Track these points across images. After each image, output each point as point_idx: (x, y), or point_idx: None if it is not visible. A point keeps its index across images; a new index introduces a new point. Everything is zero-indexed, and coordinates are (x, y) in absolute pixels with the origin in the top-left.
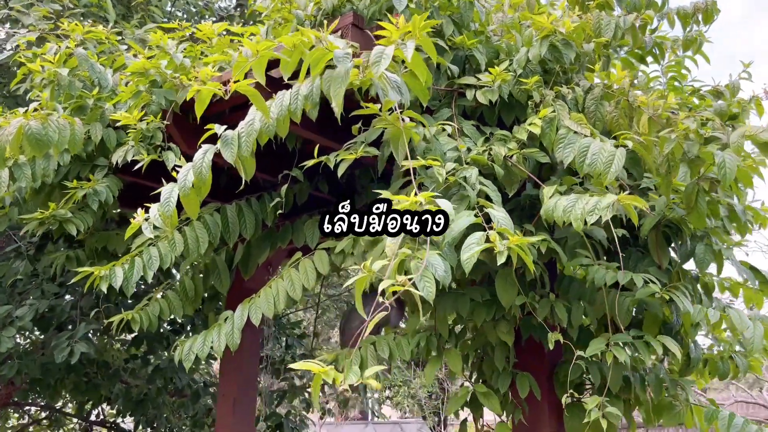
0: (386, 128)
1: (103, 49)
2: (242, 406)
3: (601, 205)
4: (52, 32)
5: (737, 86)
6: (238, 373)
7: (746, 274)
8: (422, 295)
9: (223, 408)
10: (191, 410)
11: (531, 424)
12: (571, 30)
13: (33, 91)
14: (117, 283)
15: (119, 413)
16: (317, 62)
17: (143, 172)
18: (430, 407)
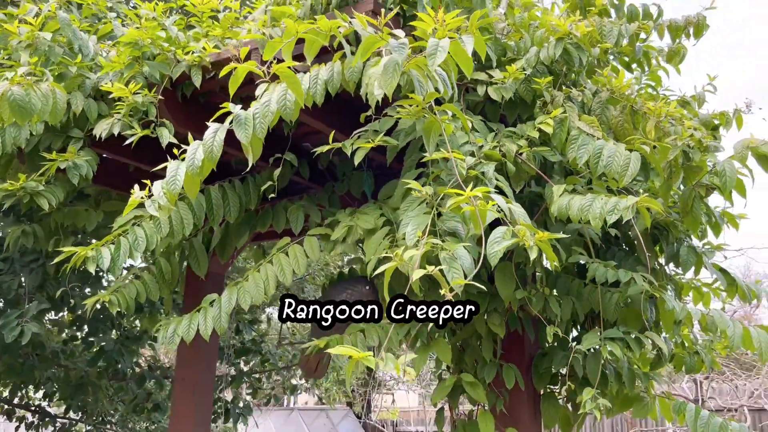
0: (401, 119)
1: (88, 14)
2: (202, 392)
3: (621, 206)
4: None
5: (703, 97)
6: (198, 358)
7: (717, 275)
8: (450, 285)
9: (182, 393)
10: (131, 394)
11: (511, 412)
12: (585, 34)
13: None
14: (105, 265)
15: (47, 397)
16: (368, 48)
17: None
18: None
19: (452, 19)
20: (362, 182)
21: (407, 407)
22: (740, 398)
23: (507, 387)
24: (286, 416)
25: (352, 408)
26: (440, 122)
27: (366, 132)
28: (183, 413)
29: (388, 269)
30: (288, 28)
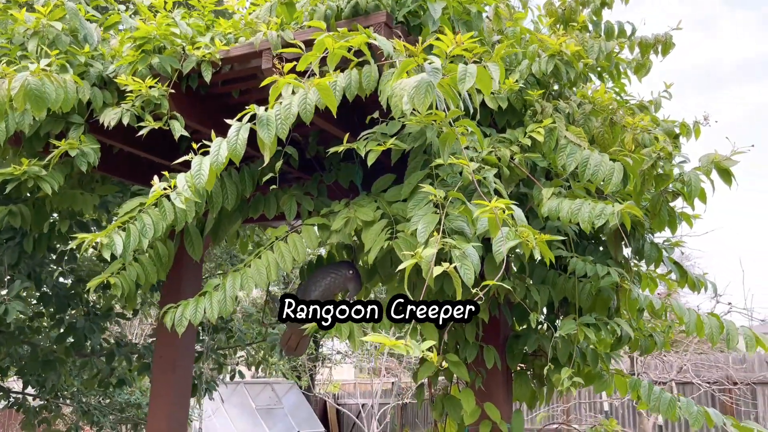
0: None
1: (96, 5)
2: (182, 370)
3: (607, 212)
4: None
5: (659, 103)
6: (176, 337)
7: (672, 267)
8: (464, 280)
9: (162, 372)
10: (95, 370)
11: (488, 389)
12: (574, 52)
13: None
14: (118, 251)
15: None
16: (404, 69)
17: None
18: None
19: (469, 41)
20: (350, 173)
21: (345, 380)
22: (669, 373)
23: (487, 366)
24: (232, 389)
25: (298, 381)
26: (456, 134)
27: (374, 133)
28: (162, 391)
29: (408, 266)
30: (319, 43)
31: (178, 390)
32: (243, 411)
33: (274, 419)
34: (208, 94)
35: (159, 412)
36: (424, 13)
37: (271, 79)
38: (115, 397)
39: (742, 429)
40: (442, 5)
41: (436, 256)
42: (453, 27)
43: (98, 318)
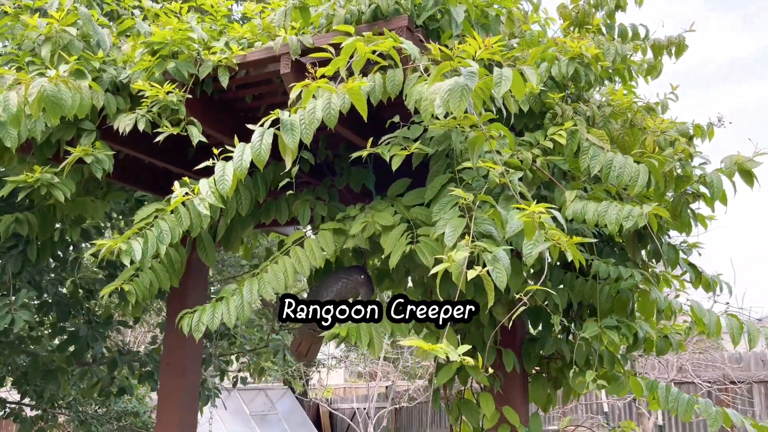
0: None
1: (109, 10)
2: (191, 375)
3: (635, 213)
4: None
5: (666, 104)
6: (184, 343)
7: (687, 268)
8: (496, 284)
9: (171, 377)
10: (95, 379)
11: (505, 392)
12: (594, 54)
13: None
14: (137, 257)
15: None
16: (440, 71)
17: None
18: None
19: (492, 44)
20: (361, 177)
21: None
22: (669, 372)
23: (506, 370)
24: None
25: (291, 387)
26: (486, 137)
27: (395, 138)
28: (171, 396)
29: (439, 268)
30: (348, 47)
31: (187, 394)
32: (237, 417)
33: (268, 425)
34: (220, 98)
35: (168, 417)
36: (442, 17)
37: (303, 84)
38: (112, 406)
39: (761, 429)
40: (464, 8)
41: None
42: (473, 30)
43: (100, 326)
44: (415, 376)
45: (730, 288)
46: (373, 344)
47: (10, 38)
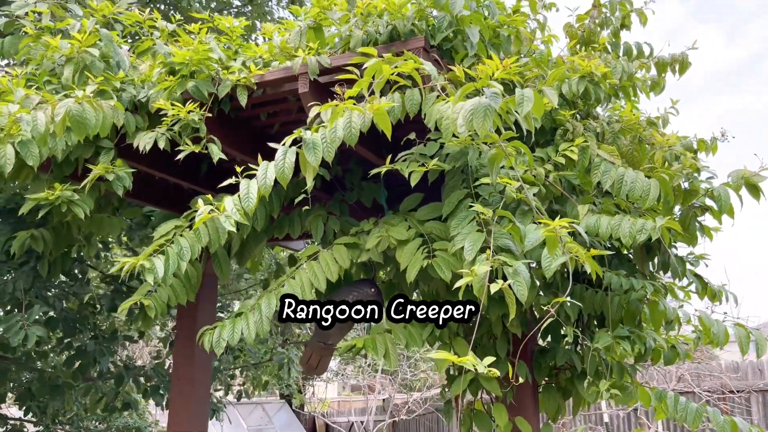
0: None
1: (130, 32)
2: (201, 387)
3: (648, 227)
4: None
5: (666, 118)
6: (195, 355)
7: (693, 279)
8: (518, 297)
9: (182, 390)
10: (99, 394)
11: (517, 403)
12: (603, 73)
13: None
14: (159, 274)
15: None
16: (465, 91)
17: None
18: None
19: (511, 65)
20: (372, 192)
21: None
22: (668, 382)
23: (520, 380)
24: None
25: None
26: (506, 154)
27: (412, 154)
28: (180, 411)
29: (463, 282)
30: (371, 68)
31: (197, 407)
32: (235, 431)
33: None
34: (236, 116)
35: (179, 430)
36: (455, 37)
37: (332, 104)
38: (113, 422)
39: None
40: (477, 28)
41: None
42: (486, 50)
43: (106, 341)
44: (413, 389)
45: (736, 298)
46: (389, 355)
47: (29, 58)
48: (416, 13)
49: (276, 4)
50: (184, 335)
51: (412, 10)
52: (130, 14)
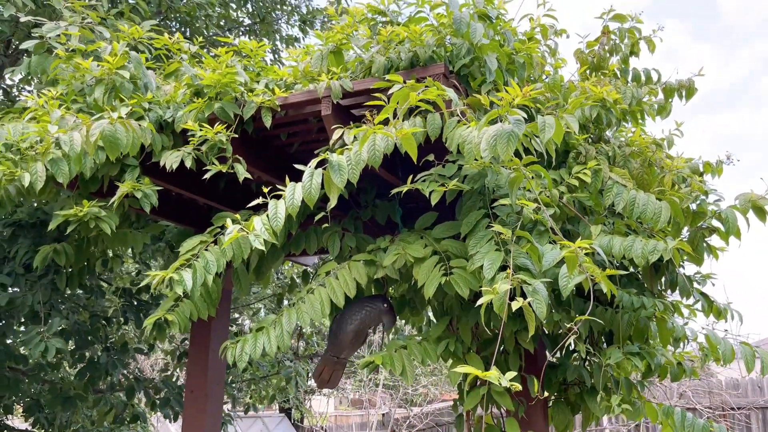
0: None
1: (158, 54)
2: (214, 401)
3: (660, 248)
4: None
5: (671, 140)
6: (208, 369)
7: (699, 297)
8: (537, 314)
9: (194, 403)
10: (108, 406)
11: (528, 417)
12: (615, 99)
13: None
14: (188, 287)
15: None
16: (490, 117)
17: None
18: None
19: (529, 92)
20: (386, 210)
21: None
22: (670, 399)
23: (531, 395)
24: None
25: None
26: (526, 176)
27: (431, 175)
28: (194, 424)
29: (485, 300)
30: (398, 94)
31: (210, 420)
32: None
33: None
34: (257, 136)
35: None
36: (471, 64)
37: (359, 130)
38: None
39: None
40: (495, 55)
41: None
42: (502, 76)
43: (115, 353)
44: (413, 404)
45: (741, 316)
46: (406, 372)
47: (58, 78)
48: (437, 41)
49: (285, 23)
50: (198, 349)
51: (432, 38)
52: (160, 38)
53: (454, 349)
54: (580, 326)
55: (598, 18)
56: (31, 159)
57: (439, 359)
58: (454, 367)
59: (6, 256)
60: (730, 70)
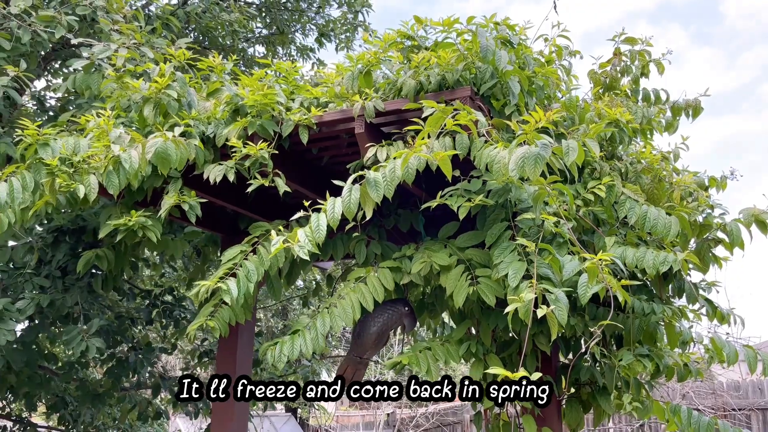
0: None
1: (202, 75)
2: (241, 402)
3: (670, 259)
4: (133, 44)
5: (677, 154)
6: (236, 368)
7: (704, 303)
8: (559, 321)
9: (222, 404)
10: (131, 403)
11: (545, 414)
12: (628, 120)
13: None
14: (234, 295)
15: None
16: (520, 140)
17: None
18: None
19: (551, 115)
20: (409, 219)
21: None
22: (673, 399)
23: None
24: None
25: (294, 414)
26: (549, 193)
27: (457, 190)
28: (222, 423)
29: (512, 308)
30: (433, 118)
31: (239, 419)
32: None
33: None
34: (290, 151)
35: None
36: (494, 86)
37: (401, 153)
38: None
39: None
40: (517, 78)
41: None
42: (522, 97)
43: (145, 352)
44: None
45: (743, 321)
46: (431, 372)
47: (105, 95)
48: (465, 67)
49: (300, 33)
50: (226, 350)
51: (461, 64)
52: (205, 60)
53: (475, 351)
54: (595, 330)
55: (610, 40)
56: (84, 172)
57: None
58: (475, 367)
59: (42, 260)
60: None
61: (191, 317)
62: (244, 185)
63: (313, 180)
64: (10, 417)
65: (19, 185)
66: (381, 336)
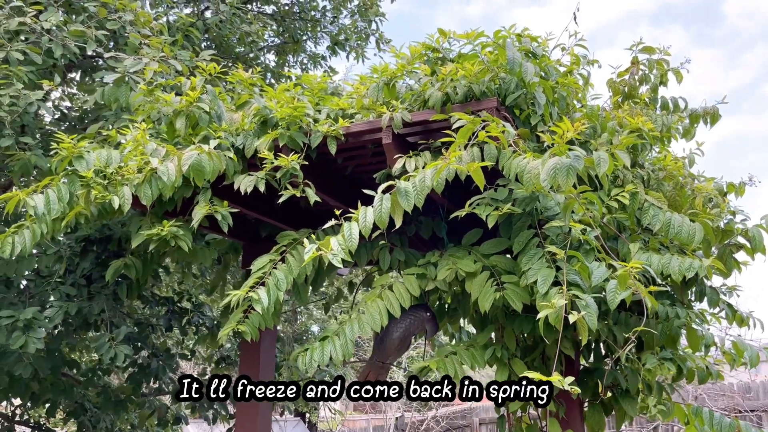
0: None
1: (232, 88)
2: (265, 406)
3: (695, 266)
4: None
5: (693, 159)
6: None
7: (723, 306)
8: (589, 326)
9: (246, 408)
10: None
11: (568, 417)
12: (650, 129)
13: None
14: (264, 304)
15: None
16: (553, 152)
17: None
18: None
19: (578, 126)
20: (430, 226)
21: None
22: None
23: (572, 398)
24: None
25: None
26: (576, 200)
27: (484, 198)
28: (248, 419)
29: (542, 314)
30: (463, 130)
31: (262, 425)
32: None
33: None
34: (318, 161)
35: None
36: (519, 96)
37: (434, 164)
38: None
39: None
40: (541, 88)
41: None
42: (547, 108)
43: (166, 358)
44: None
45: (762, 324)
46: (457, 375)
47: (135, 108)
48: (491, 79)
49: (312, 41)
50: (249, 356)
51: (488, 76)
52: (235, 74)
53: (500, 356)
54: (618, 333)
55: (627, 49)
56: (117, 183)
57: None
58: (501, 371)
59: (67, 269)
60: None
61: (209, 323)
62: (270, 194)
63: (338, 189)
64: (28, 423)
65: (55, 197)
66: (403, 341)
